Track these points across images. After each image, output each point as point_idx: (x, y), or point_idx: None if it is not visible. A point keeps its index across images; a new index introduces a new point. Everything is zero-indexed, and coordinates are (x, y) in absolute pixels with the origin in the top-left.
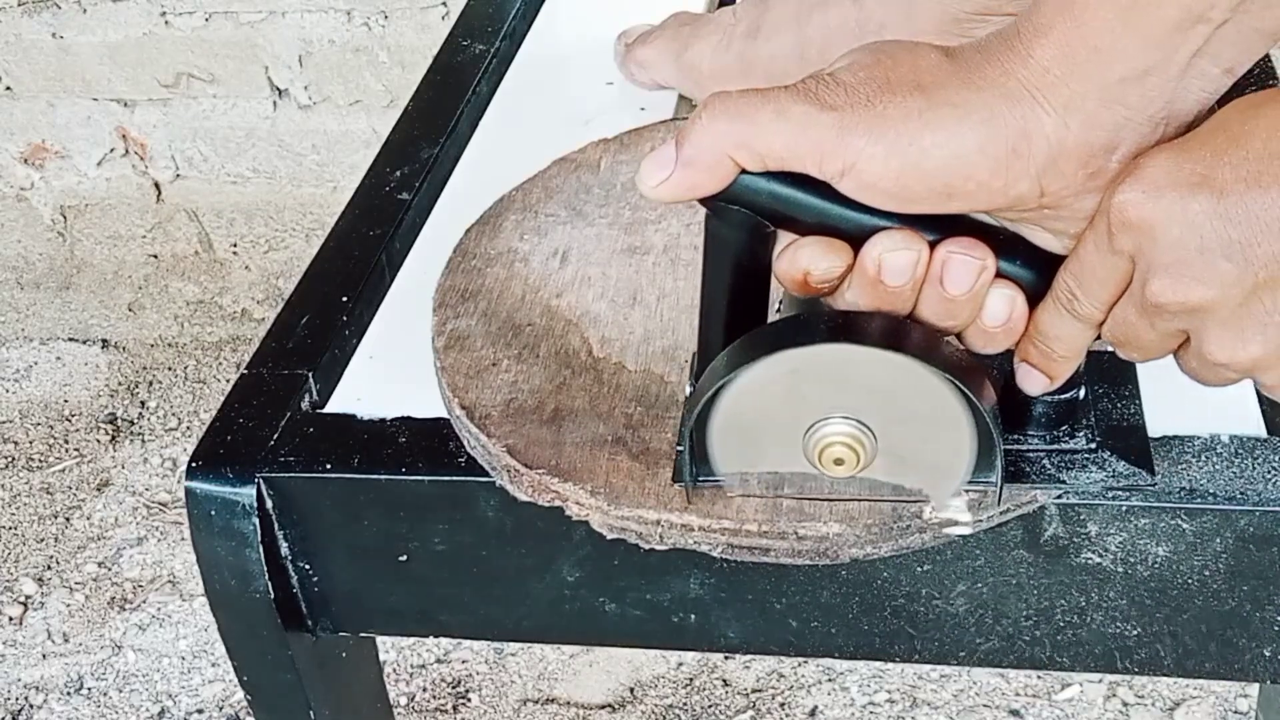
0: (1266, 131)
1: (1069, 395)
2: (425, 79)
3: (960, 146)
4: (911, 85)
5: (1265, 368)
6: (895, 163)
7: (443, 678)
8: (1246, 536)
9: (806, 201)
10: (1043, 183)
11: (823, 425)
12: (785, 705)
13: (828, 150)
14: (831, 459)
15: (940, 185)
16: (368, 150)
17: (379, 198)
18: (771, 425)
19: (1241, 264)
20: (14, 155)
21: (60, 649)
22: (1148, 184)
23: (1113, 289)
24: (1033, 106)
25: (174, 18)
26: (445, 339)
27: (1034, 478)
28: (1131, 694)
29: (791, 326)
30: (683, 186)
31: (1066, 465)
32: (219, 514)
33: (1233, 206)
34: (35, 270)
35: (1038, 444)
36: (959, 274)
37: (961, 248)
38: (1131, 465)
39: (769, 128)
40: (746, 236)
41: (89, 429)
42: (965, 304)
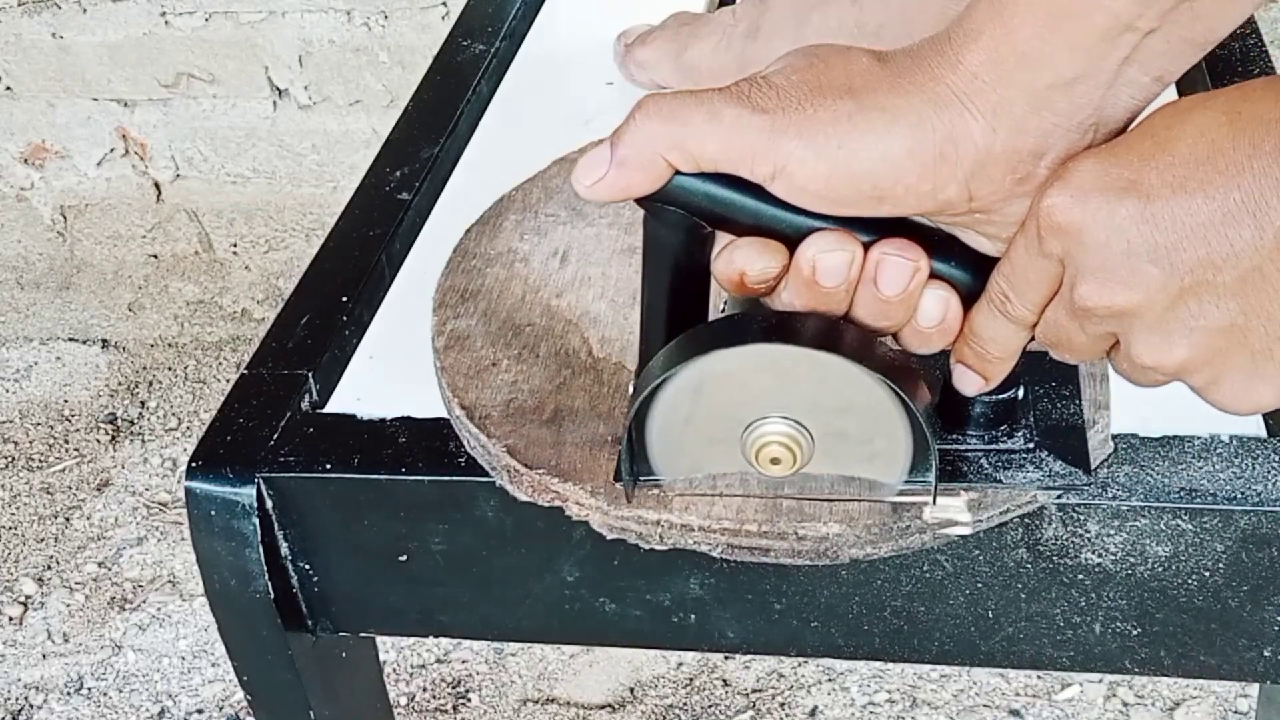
0: (1193, 137)
1: (1007, 395)
2: (425, 79)
3: (888, 150)
4: (842, 89)
5: (1192, 370)
6: (824, 166)
7: (443, 678)
8: (1246, 536)
9: (741, 203)
10: (971, 187)
11: (760, 425)
12: (785, 705)
13: (759, 152)
14: (768, 458)
15: (869, 188)
16: (368, 150)
17: (379, 198)
18: (709, 425)
19: (1167, 269)
20: (14, 155)
21: (60, 649)
22: (1075, 188)
23: (1044, 291)
24: (961, 112)
25: (174, 18)
26: (445, 339)
27: (971, 477)
28: (1131, 694)
29: (726, 326)
30: (617, 187)
31: (1004, 465)
32: (219, 514)
33: (1159, 211)
34: (35, 270)
35: (976, 443)
36: (893, 275)
37: (895, 249)
38: (1068, 465)
39: (701, 129)
40: (684, 237)
41: (89, 429)
42: (900, 305)
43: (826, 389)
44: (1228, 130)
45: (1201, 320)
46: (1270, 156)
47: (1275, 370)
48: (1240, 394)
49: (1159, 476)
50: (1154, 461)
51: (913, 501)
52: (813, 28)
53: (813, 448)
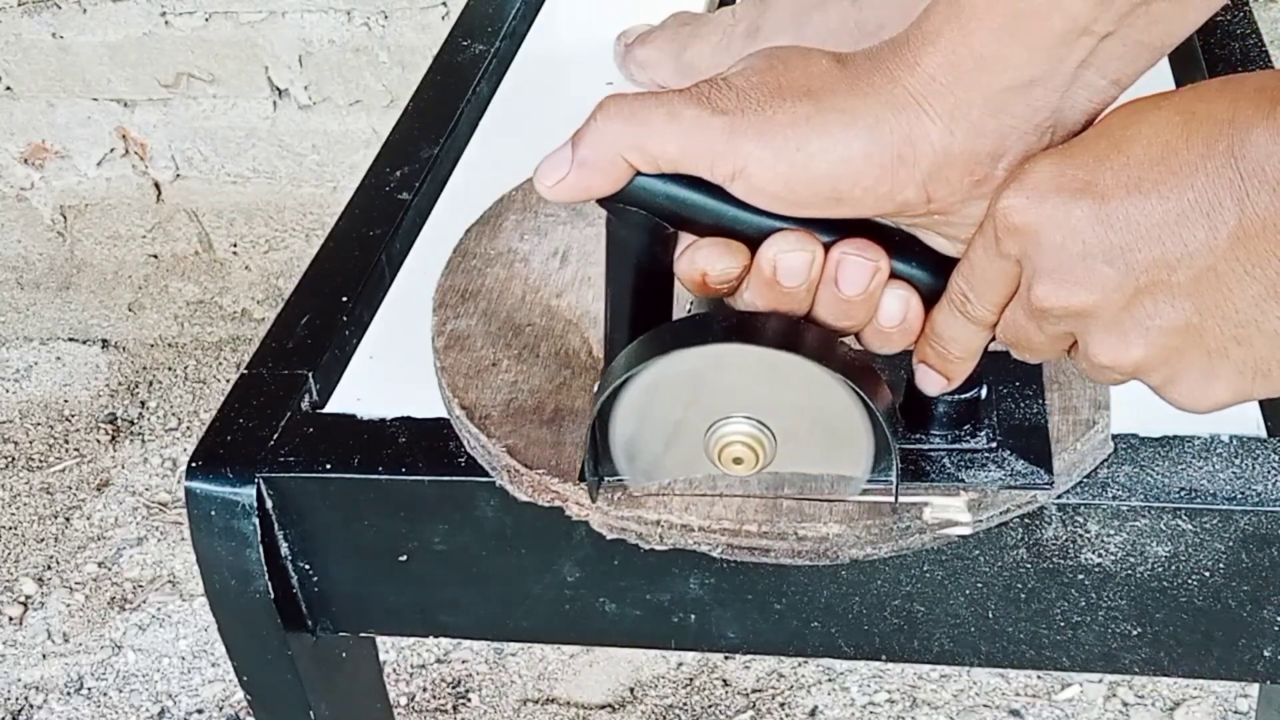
0: (1148, 138)
1: (970, 395)
2: (425, 79)
3: (846, 152)
4: (802, 91)
5: (1149, 370)
6: (783, 167)
7: (443, 678)
8: (1246, 536)
9: (703, 203)
10: (929, 189)
11: (722, 425)
12: (785, 705)
13: (718, 154)
14: (731, 458)
15: (827, 190)
16: (368, 150)
17: (379, 198)
18: (672, 424)
19: (1123, 269)
20: (14, 155)
21: (60, 649)
22: (1031, 189)
23: (1002, 292)
24: (918, 114)
25: (174, 18)
26: (445, 339)
27: (933, 476)
28: (1131, 694)
29: (688, 327)
30: (578, 187)
31: (966, 464)
32: (219, 514)
33: (1114, 212)
34: (35, 270)
35: (939, 443)
36: (853, 275)
37: (855, 249)
38: (1030, 465)
39: (661, 130)
40: (646, 238)
41: (89, 429)
42: (861, 305)
43: (788, 389)
44: (1182, 131)
45: (1157, 320)
46: (1223, 157)
47: (1230, 369)
48: (1197, 393)
49: (1159, 476)
50: (1154, 461)
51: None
52: (813, 28)
53: (775, 448)
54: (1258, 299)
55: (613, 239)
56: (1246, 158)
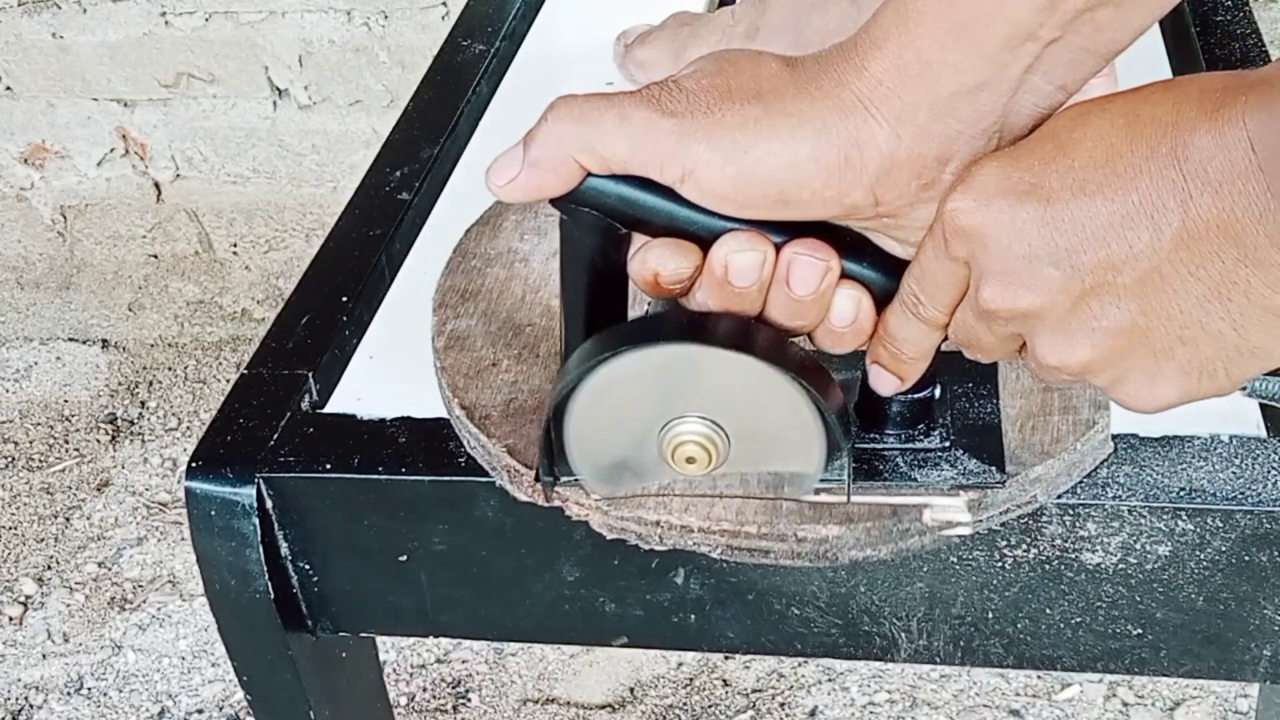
0: (1093, 140)
1: (924, 395)
2: (425, 79)
3: (794, 155)
4: (751, 94)
5: (1096, 370)
6: (731, 169)
7: (443, 678)
8: (1246, 536)
9: (654, 204)
10: (877, 192)
11: (676, 424)
12: (785, 705)
13: (668, 156)
14: (684, 457)
15: (775, 192)
16: (368, 150)
17: (379, 198)
18: (626, 423)
19: (1068, 271)
20: (14, 155)
21: (60, 649)
22: (978, 192)
23: (952, 293)
24: (865, 118)
25: (174, 18)
26: (445, 339)
27: (886, 475)
28: (1131, 694)
29: (640, 327)
30: (530, 187)
31: (919, 463)
32: (219, 514)
33: (1059, 214)
34: (35, 270)
35: (893, 442)
36: (804, 275)
37: (806, 249)
38: (983, 463)
39: (611, 132)
40: (599, 239)
41: (89, 429)
42: (812, 305)
43: (741, 389)
44: (1126, 133)
45: (1103, 321)
46: (1166, 159)
47: (1176, 370)
48: (1144, 393)
49: (1159, 476)
50: (1154, 461)
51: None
52: (812, 29)
53: (729, 447)
54: (1202, 299)
55: (566, 240)
56: (1189, 160)
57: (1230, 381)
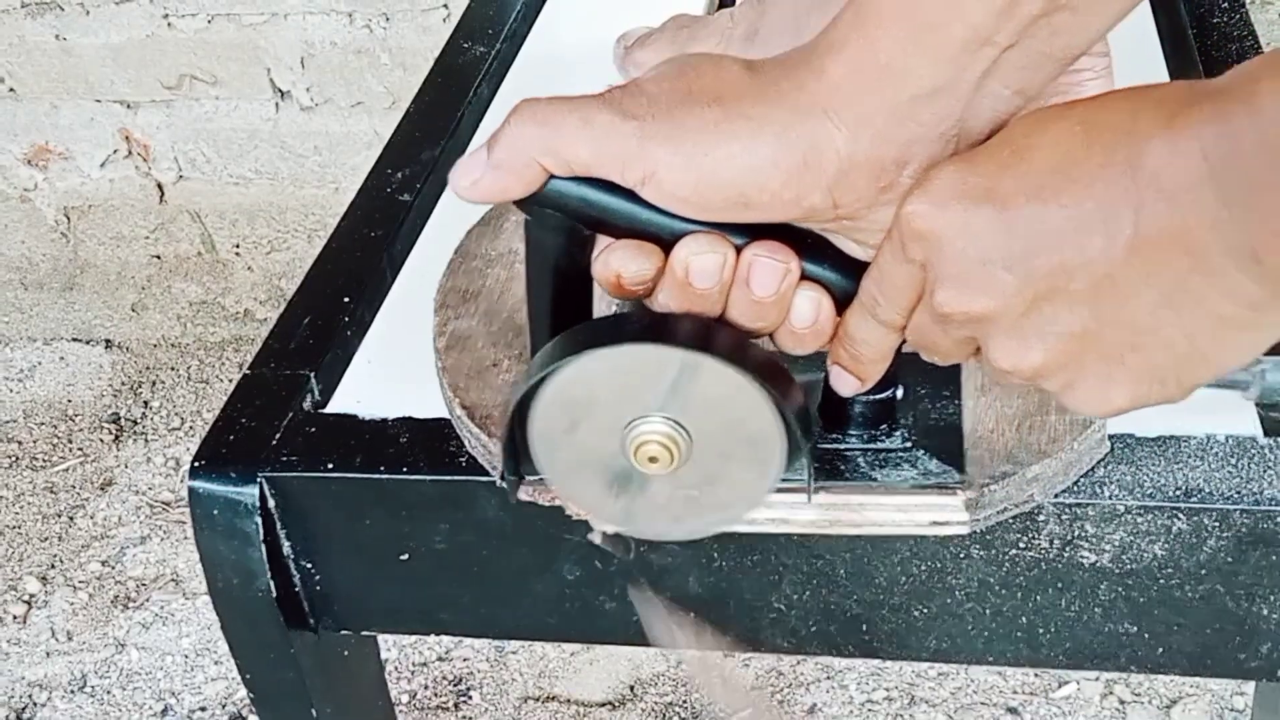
0: (1049, 146)
1: (885, 396)
2: (427, 81)
3: (753, 158)
4: (711, 97)
5: (1048, 375)
6: (692, 172)
7: (444, 675)
8: (1242, 535)
9: (616, 206)
10: (835, 195)
11: (639, 424)
12: (784, 703)
13: (629, 158)
14: (646, 457)
15: (735, 195)
16: (369, 152)
17: (381, 199)
18: (589, 423)
19: (1022, 276)
20: (17, 156)
21: (64, 647)
22: (934, 196)
23: (910, 296)
24: (823, 121)
25: (176, 19)
26: (446, 339)
27: (848, 475)
28: (1128, 692)
29: (603, 327)
30: (493, 189)
31: (880, 463)
32: (222, 513)
33: (1014, 219)
34: (39, 271)
35: (855, 443)
36: (764, 277)
37: (766, 251)
38: (942, 464)
39: (573, 135)
40: (564, 240)
41: (92, 429)
42: (772, 306)
43: (702, 389)
44: (1083, 140)
45: (1055, 326)
46: (1121, 167)
47: (1127, 376)
48: (1095, 398)
49: (1155, 476)
50: (1150, 461)
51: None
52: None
53: (691, 447)
54: (1154, 307)
55: (531, 241)
56: (1144, 168)
57: (1180, 389)
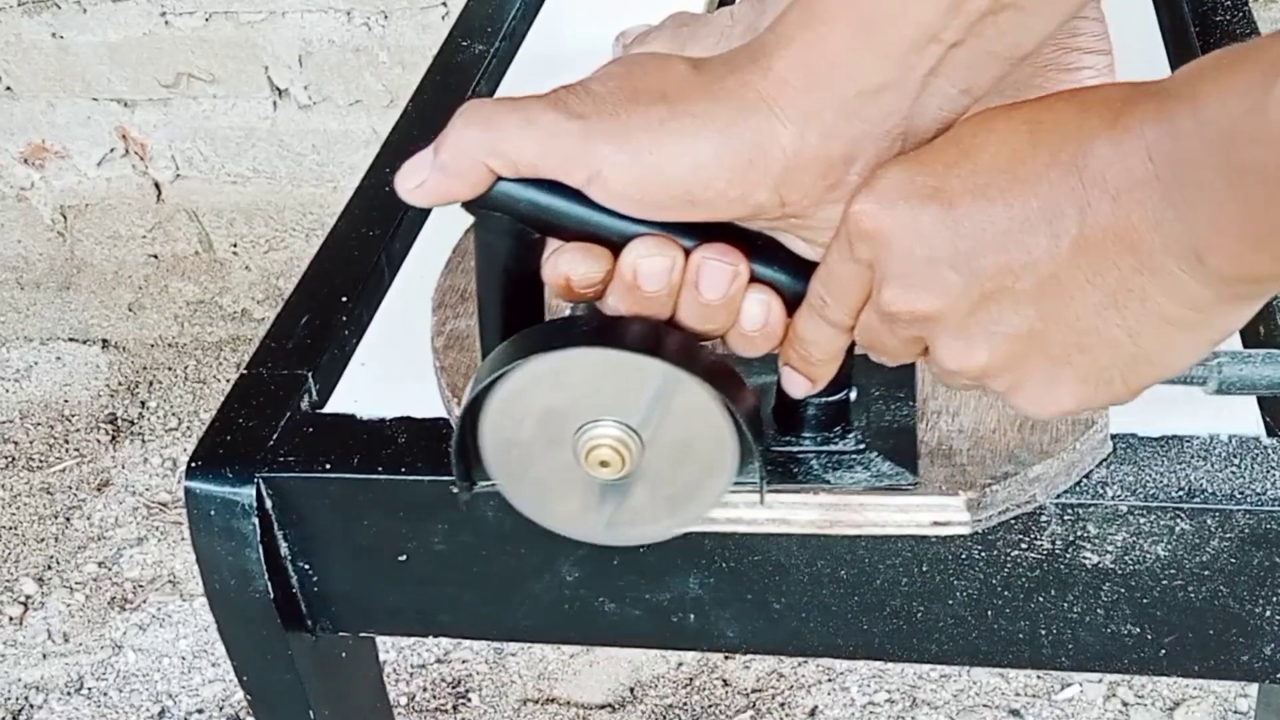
0: (996, 145)
1: (838, 398)
2: (425, 79)
3: (699, 155)
4: (657, 95)
5: (994, 375)
6: (637, 170)
7: (443, 677)
8: (1245, 536)
9: (564, 208)
10: (781, 192)
11: (590, 428)
12: (785, 705)
13: (573, 157)
14: (597, 461)
15: (681, 193)
16: (368, 150)
17: (379, 198)
18: (540, 427)
19: (968, 275)
20: (14, 155)
21: (60, 649)
22: (881, 195)
23: (857, 296)
24: (769, 118)
25: (174, 18)
26: (444, 339)
27: (800, 478)
28: (1131, 694)
29: (552, 330)
30: (438, 191)
31: (833, 466)
32: (219, 514)
33: (961, 219)
34: (35, 270)
35: (809, 445)
36: (713, 279)
37: (715, 254)
38: (895, 466)
39: (517, 135)
40: (513, 243)
41: (89, 429)
42: (722, 309)
43: (652, 393)
44: (1028, 139)
45: (1001, 326)
46: (1066, 166)
47: (1073, 376)
48: (1042, 398)
49: (1158, 476)
50: (1153, 461)
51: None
52: None
53: (642, 451)
54: (1098, 307)
55: (480, 245)
56: (1089, 168)
57: (1128, 389)
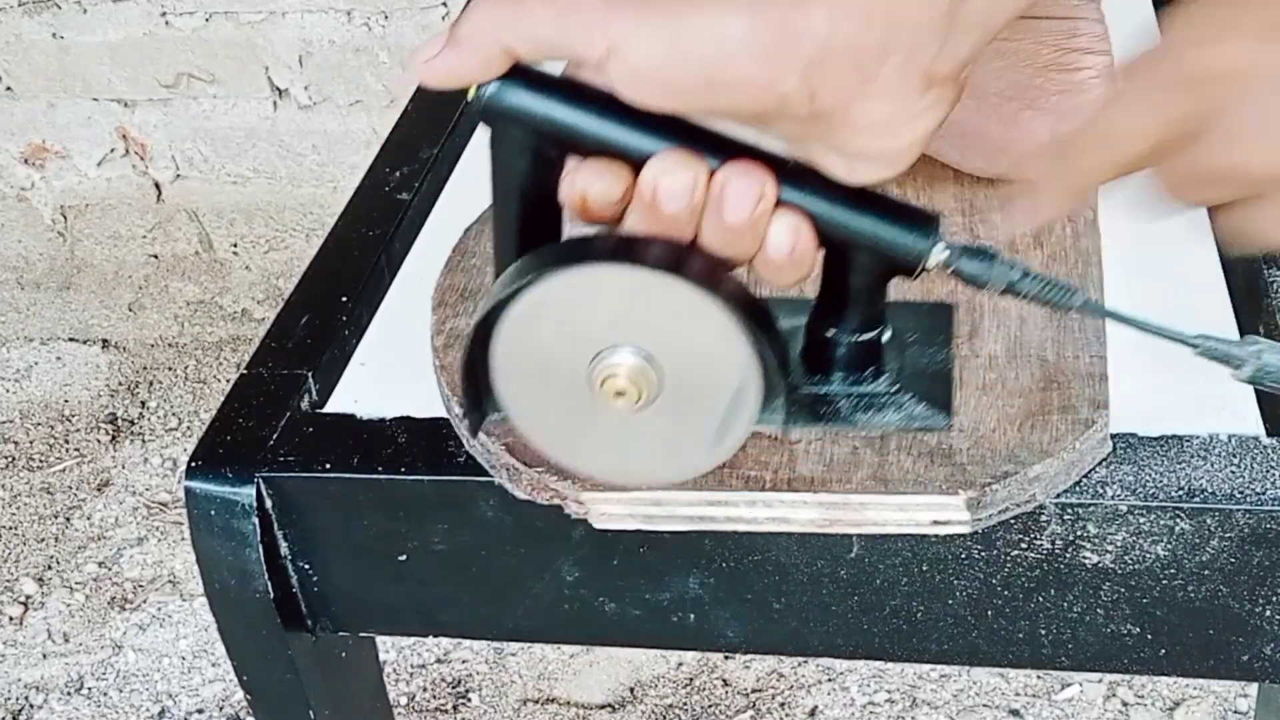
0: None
1: (870, 336)
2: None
3: (724, 32)
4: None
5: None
6: (659, 45)
7: (442, 677)
8: (1245, 535)
9: (583, 120)
10: (811, 82)
11: (606, 355)
12: (785, 705)
13: (593, 27)
14: (613, 390)
15: (703, 75)
16: (368, 150)
17: (379, 198)
18: (554, 354)
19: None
20: (14, 155)
21: (60, 649)
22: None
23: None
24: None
25: (174, 18)
26: (444, 338)
27: (828, 418)
28: (1131, 694)
29: (569, 247)
30: (450, 67)
31: (864, 407)
32: (219, 514)
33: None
34: (36, 270)
35: (837, 386)
36: (738, 199)
37: (740, 171)
38: (930, 408)
39: (537, 8)
40: (530, 160)
41: (89, 429)
42: (747, 232)
43: (675, 320)
44: None
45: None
46: None
47: None
48: None
49: (1158, 476)
50: (1153, 461)
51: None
52: None
53: (660, 383)
54: None
55: (496, 162)
56: None
57: None
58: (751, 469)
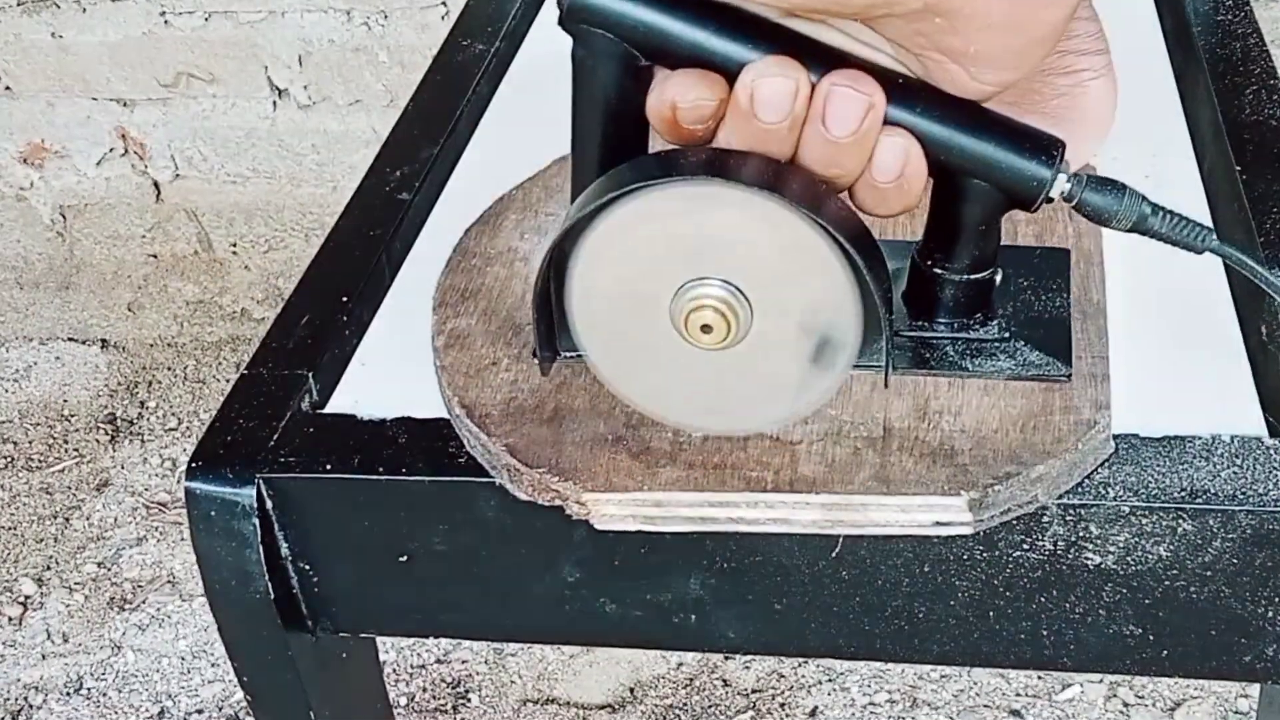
0: None
1: (982, 275)
2: (425, 79)
3: None
4: None
5: None
6: None
7: (442, 678)
8: (1248, 536)
9: (675, 26)
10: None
11: (693, 287)
12: (785, 705)
13: None
14: (699, 324)
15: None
16: (368, 150)
17: (379, 197)
18: (636, 282)
19: None
20: (13, 155)
21: (60, 649)
22: None
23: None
24: None
25: (173, 17)
26: (445, 338)
27: (934, 364)
28: (1132, 694)
29: (656, 161)
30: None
31: (973, 353)
32: (219, 514)
33: None
34: (35, 270)
35: (944, 330)
36: (842, 111)
37: (846, 80)
38: (1045, 355)
39: None
40: (616, 69)
41: (88, 429)
42: (852, 149)
43: (768, 248)
44: None
45: None
46: None
47: None
48: None
49: (1160, 477)
50: (1155, 462)
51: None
52: None
53: (751, 319)
54: None
55: (579, 72)
56: None
57: None
58: (753, 470)
